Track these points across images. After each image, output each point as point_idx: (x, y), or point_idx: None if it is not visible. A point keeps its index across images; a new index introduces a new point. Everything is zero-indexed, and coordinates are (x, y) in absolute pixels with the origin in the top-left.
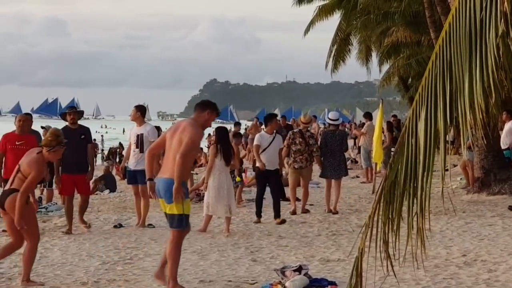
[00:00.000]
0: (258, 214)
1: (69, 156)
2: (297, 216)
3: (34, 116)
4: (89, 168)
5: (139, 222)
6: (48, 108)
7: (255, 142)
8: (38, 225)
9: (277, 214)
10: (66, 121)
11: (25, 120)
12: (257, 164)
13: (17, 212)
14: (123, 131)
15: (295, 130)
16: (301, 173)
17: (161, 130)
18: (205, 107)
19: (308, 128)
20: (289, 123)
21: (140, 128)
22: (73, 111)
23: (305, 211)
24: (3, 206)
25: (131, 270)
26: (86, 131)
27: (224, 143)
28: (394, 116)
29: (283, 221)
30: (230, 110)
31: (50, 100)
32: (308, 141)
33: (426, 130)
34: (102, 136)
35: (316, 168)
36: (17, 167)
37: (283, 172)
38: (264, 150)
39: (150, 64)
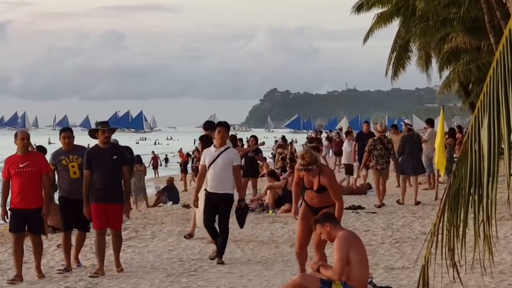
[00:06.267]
0: None
1: (98, 181)
2: (361, 224)
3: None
4: (124, 197)
5: (193, 232)
6: (119, 122)
7: None
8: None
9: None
10: (95, 138)
11: (28, 138)
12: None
13: None
14: (194, 141)
15: (375, 138)
16: (381, 174)
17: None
18: None
19: (385, 135)
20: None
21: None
22: (107, 128)
23: (382, 204)
24: None
25: (196, 282)
26: (119, 150)
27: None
28: (459, 127)
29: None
30: (302, 119)
31: (120, 114)
32: (387, 146)
33: (490, 137)
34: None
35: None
36: None
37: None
38: None
39: (209, 74)
